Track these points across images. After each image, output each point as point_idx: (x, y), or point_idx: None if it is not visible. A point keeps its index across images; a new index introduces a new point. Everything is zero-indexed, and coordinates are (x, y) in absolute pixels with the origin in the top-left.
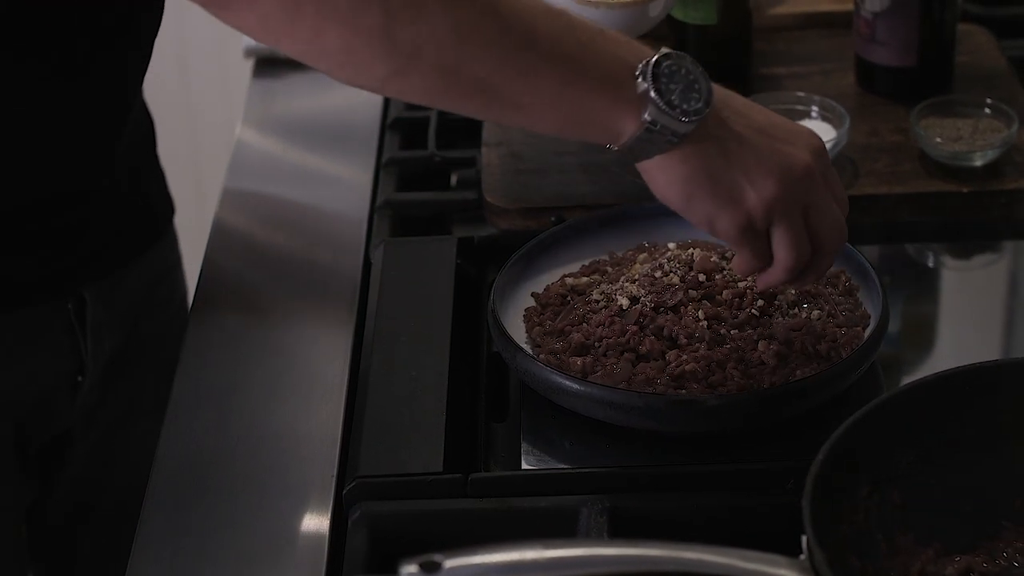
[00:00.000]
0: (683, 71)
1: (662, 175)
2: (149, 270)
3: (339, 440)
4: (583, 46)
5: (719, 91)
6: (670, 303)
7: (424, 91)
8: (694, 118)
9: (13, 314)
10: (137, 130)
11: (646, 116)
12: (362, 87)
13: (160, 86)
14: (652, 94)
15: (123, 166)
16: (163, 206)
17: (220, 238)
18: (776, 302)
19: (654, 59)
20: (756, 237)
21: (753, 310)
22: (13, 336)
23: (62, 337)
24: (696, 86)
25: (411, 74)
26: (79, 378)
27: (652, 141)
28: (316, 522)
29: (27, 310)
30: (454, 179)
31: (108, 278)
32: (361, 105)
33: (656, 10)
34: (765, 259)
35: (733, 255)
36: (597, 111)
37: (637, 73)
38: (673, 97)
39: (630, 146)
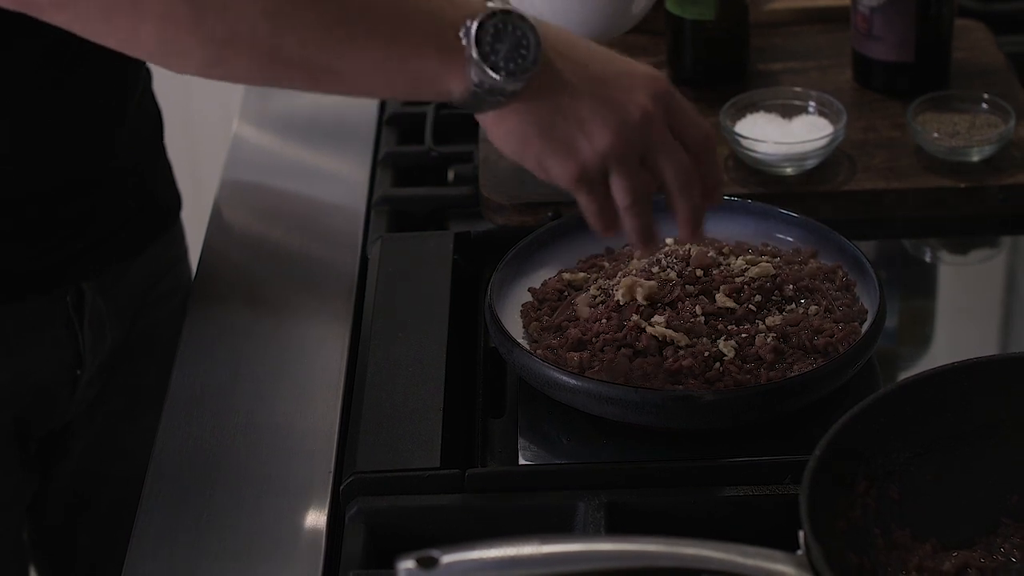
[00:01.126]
0: (509, 28)
1: (497, 128)
2: (153, 264)
3: (336, 435)
4: (401, 9)
5: (558, 41)
6: (667, 299)
7: (247, 75)
8: (521, 77)
9: (10, 306)
10: (143, 123)
11: (472, 77)
12: (186, 74)
13: (158, 81)
14: (475, 56)
15: (126, 159)
16: (169, 200)
17: (217, 233)
18: (774, 297)
19: (478, 20)
20: (593, 185)
21: (750, 305)
22: (11, 328)
23: (60, 330)
24: (524, 42)
25: (230, 61)
26: (78, 371)
27: (482, 99)
28: (313, 517)
29: (25, 302)
30: (451, 175)
31: (109, 271)
32: (358, 101)
33: (639, 7)
34: (606, 206)
35: (731, 250)
36: (424, 73)
37: (461, 34)
38: (498, 58)
39: (463, 103)
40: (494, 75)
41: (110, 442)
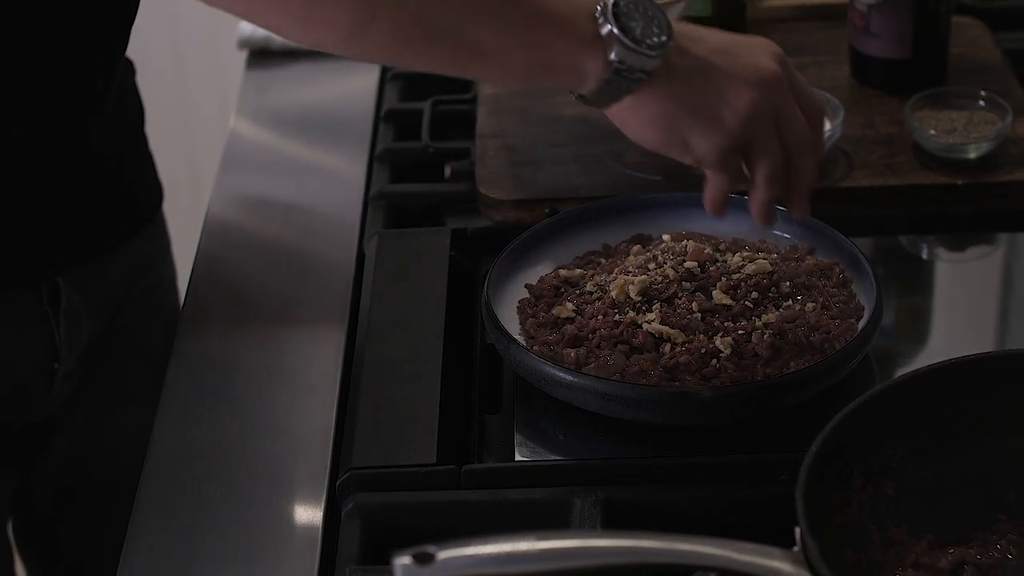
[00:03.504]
0: (641, 7)
1: (634, 117)
2: (133, 258)
3: (332, 431)
4: None
5: (675, 23)
6: (664, 295)
7: (389, 43)
8: (659, 51)
9: None
10: (121, 114)
11: (612, 56)
12: (325, 47)
13: (154, 78)
14: (616, 32)
15: (103, 149)
16: (149, 194)
17: (214, 230)
18: (770, 294)
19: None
20: (731, 160)
21: (747, 302)
22: None
23: (35, 323)
24: (656, 20)
25: (374, 25)
26: (55, 365)
27: (621, 81)
28: (309, 514)
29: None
30: (448, 171)
31: (85, 265)
32: (355, 96)
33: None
34: (739, 178)
35: (728, 247)
36: (562, 55)
37: (597, 14)
38: (636, 34)
39: (598, 90)
40: (635, 48)
41: (94, 436)
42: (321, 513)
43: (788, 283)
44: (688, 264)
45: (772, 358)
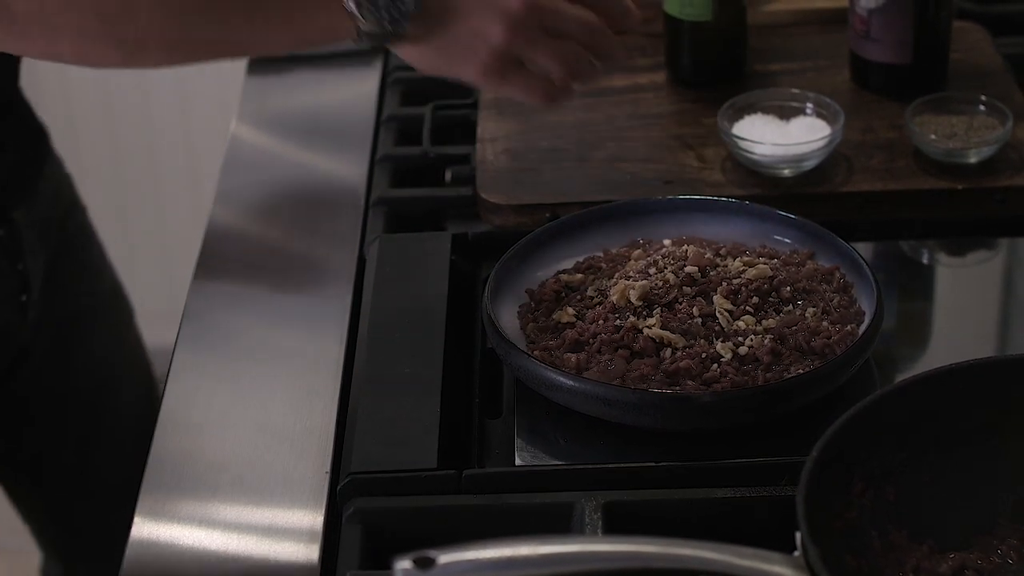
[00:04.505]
0: None
1: (405, 53)
2: (50, 185)
3: (333, 436)
4: None
5: None
6: (664, 300)
7: (164, 62)
8: (404, 21)
9: None
10: None
11: (360, 28)
12: (107, 68)
13: (155, 83)
14: (355, 11)
15: None
16: (39, 131)
17: (215, 234)
18: (771, 298)
19: None
20: (504, 74)
21: (748, 307)
22: None
23: (2, 260)
24: None
25: (144, 57)
26: (23, 297)
27: (378, 41)
28: (310, 518)
29: None
30: (448, 175)
31: (25, 197)
32: (356, 101)
33: None
34: (532, 83)
35: (728, 251)
36: (320, 31)
37: None
38: (379, 10)
39: (362, 43)
40: (378, 26)
41: (66, 355)
42: (322, 518)
43: (789, 288)
44: (689, 269)
45: (773, 363)
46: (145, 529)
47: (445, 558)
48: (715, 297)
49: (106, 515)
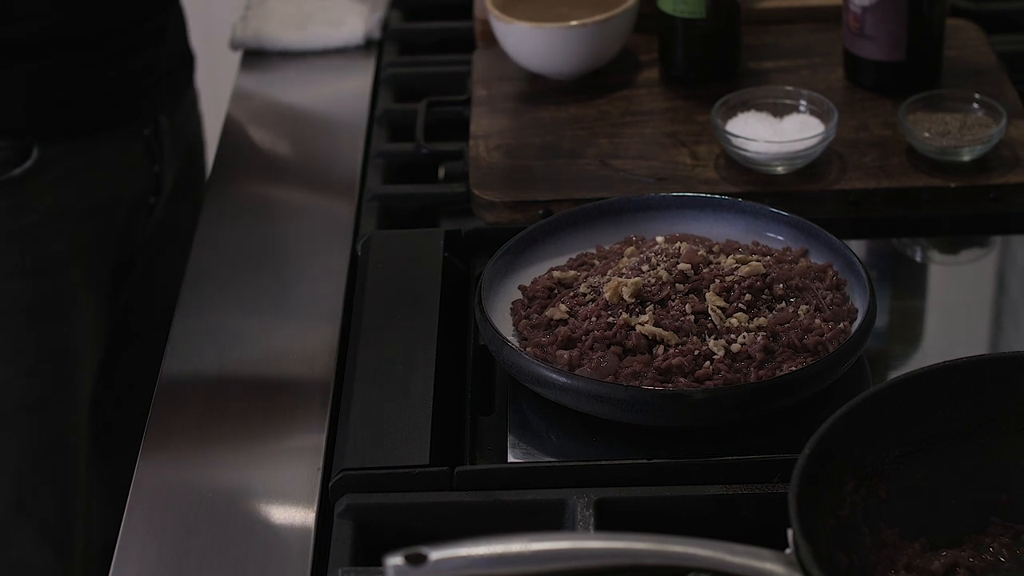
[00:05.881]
0: None
1: None
2: (190, 104)
3: (325, 432)
4: None
5: None
6: (657, 297)
7: None
8: None
9: (100, 135)
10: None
11: None
12: None
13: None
14: None
15: (159, 21)
16: (190, 54)
17: (207, 229)
18: (764, 296)
19: None
20: None
21: (740, 304)
22: (101, 155)
23: (140, 160)
24: None
25: None
26: (152, 199)
27: None
28: (302, 515)
29: (112, 131)
30: (442, 172)
31: (171, 104)
32: (349, 98)
33: (618, 30)
34: None
35: (721, 249)
36: None
37: None
38: None
39: None
40: None
41: (155, 272)
42: (314, 514)
43: (781, 285)
44: (681, 266)
45: (765, 360)
46: (137, 525)
47: (437, 555)
48: (708, 294)
49: None
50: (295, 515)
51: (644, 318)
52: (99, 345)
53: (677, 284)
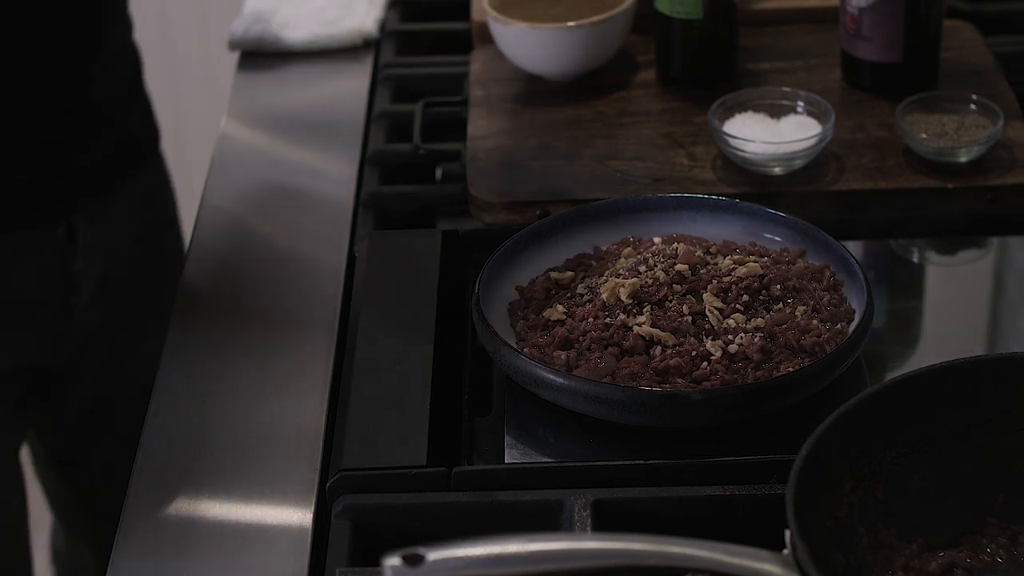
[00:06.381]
0: None
1: None
2: (136, 194)
3: (323, 433)
4: None
5: None
6: (654, 298)
7: None
8: None
9: (9, 234)
10: (118, 60)
11: None
12: None
13: (145, 78)
14: None
15: (103, 94)
16: (148, 133)
17: (205, 230)
18: (761, 297)
19: None
20: None
21: (738, 305)
22: (10, 252)
23: (53, 259)
24: None
25: None
26: (72, 300)
27: None
28: (299, 515)
29: (22, 231)
30: (439, 173)
31: (95, 201)
32: (346, 98)
33: (615, 31)
34: None
35: (718, 249)
36: None
37: None
38: None
39: None
40: None
41: (118, 367)
42: (311, 515)
43: (779, 286)
44: (679, 267)
45: (762, 361)
46: (134, 526)
47: (434, 555)
48: (705, 295)
49: None
50: (293, 515)
51: (641, 319)
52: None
53: (674, 285)
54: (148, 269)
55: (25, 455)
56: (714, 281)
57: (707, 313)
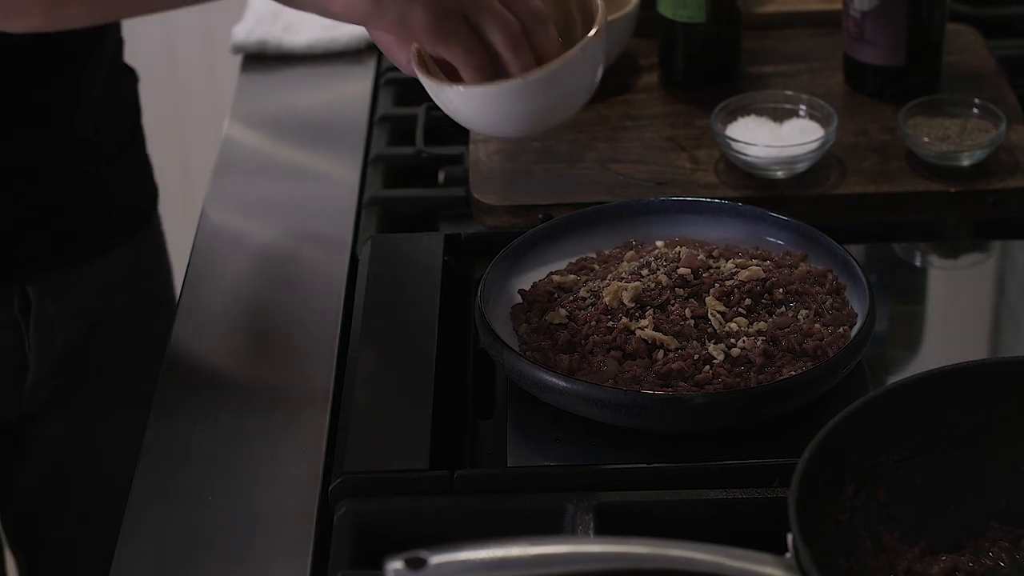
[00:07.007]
0: None
1: (335, 3)
2: (121, 266)
3: (325, 436)
4: None
5: None
6: (656, 301)
7: (85, 18)
8: None
9: None
10: (105, 113)
11: None
12: (30, 30)
13: (148, 82)
14: None
15: (89, 153)
16: (140, 200)
17: (207, 235)
18: (763, 300)
19: None
20: (458, 29)
21: (740, 308)
22: None
23: (4, 331)
24: None
25: (65, 9)
26: (25, 373)
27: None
28: (302, 518)
29: None
30: (442, 176)
31: (59, 272)
32: (349, 101)
33: (619, 33)
34: (479, 52)
35: (721, 253)
36: None
37: None
38: None
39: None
40: None
41: (85, 439)
42: (314, 518)
43: (781, 290)
44: (681, 270)
45: (765, 365)
46: (136, 528)
47: (437, 559)
48: (708, 299)
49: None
50: (295, 519)
51: (644, 322)
52: None
53: (677, 288)
54: (129, 346)
55: None
56: (716, 285)
57: (709, 317)
